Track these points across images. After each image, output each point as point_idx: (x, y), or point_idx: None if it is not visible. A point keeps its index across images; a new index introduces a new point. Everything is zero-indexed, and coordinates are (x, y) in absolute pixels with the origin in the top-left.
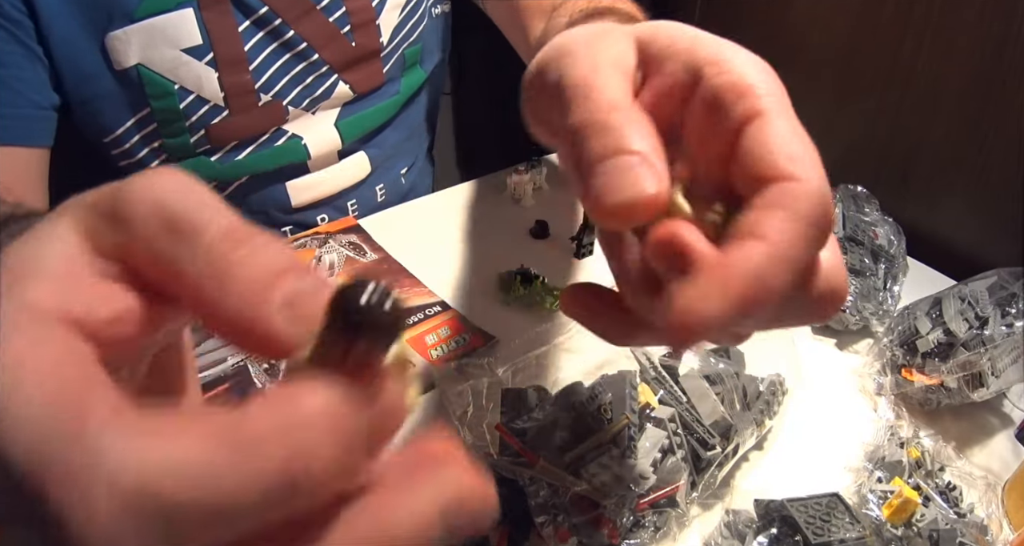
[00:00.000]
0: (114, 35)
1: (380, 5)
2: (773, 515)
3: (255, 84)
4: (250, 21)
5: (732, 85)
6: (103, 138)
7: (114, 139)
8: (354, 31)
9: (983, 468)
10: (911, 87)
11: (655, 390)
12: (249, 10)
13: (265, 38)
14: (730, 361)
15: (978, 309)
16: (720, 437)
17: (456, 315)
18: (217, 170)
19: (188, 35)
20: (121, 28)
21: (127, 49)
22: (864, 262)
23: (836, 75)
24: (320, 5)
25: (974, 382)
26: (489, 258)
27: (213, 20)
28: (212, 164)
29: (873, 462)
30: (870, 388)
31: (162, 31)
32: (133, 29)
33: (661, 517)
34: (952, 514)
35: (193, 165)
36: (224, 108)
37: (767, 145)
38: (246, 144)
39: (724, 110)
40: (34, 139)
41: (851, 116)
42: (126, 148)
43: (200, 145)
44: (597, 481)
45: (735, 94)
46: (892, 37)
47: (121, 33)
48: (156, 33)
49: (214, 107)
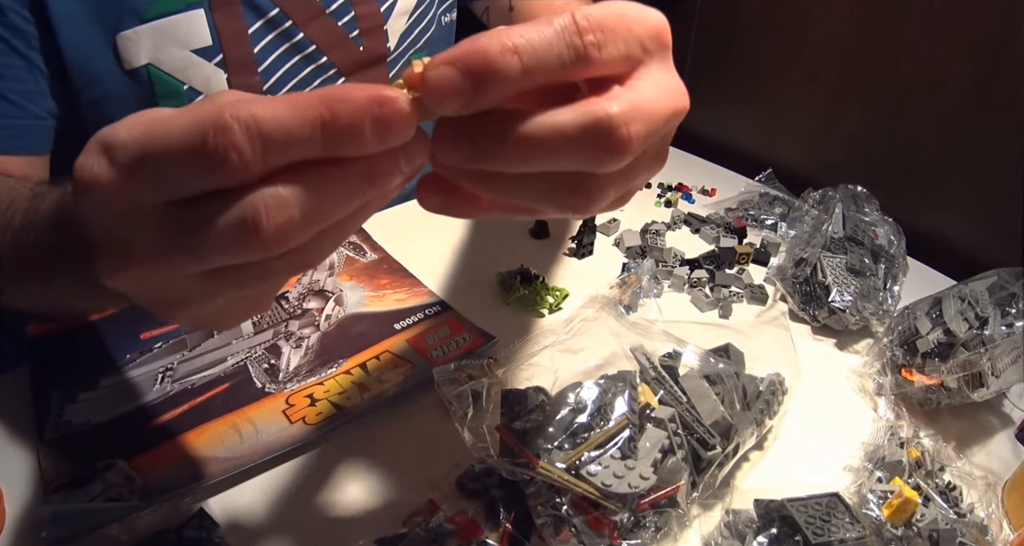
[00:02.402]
0: (125, 35)
1: (388, 11)
2: (773, 515)
3: (263, 86)
4: (260, 23)
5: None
6: None
7: None
8: (362, 36)
9: (983, 468)
10: (911, 87)
11: (655, 390)
12: (260, 12)
13: (275, 40)
14: (730, 361)
15: (978, 309)
16: (720, 437)
17: (456, 315)
18: None
19: (198, 36)
20: (132, 28)
21: (138, 49)
22: (864, 262)
23: (836, 75)
24: (329, 9)
25: (974, 382)
26: (489, 258)
27: (224, 21)
28: None
29: (873, 462)
30: (870, 388)
31: (172, 32)
32: (144, 29)
33: (661, 517)
34: (952, 514)
35: None
36: None
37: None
38: None
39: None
40: (32, 148)
41: (851, 116)
42: None
43: None
44: (597, 481)
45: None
46: (892, 37)
47: (132, 33)
48: (167, 34)
49: None
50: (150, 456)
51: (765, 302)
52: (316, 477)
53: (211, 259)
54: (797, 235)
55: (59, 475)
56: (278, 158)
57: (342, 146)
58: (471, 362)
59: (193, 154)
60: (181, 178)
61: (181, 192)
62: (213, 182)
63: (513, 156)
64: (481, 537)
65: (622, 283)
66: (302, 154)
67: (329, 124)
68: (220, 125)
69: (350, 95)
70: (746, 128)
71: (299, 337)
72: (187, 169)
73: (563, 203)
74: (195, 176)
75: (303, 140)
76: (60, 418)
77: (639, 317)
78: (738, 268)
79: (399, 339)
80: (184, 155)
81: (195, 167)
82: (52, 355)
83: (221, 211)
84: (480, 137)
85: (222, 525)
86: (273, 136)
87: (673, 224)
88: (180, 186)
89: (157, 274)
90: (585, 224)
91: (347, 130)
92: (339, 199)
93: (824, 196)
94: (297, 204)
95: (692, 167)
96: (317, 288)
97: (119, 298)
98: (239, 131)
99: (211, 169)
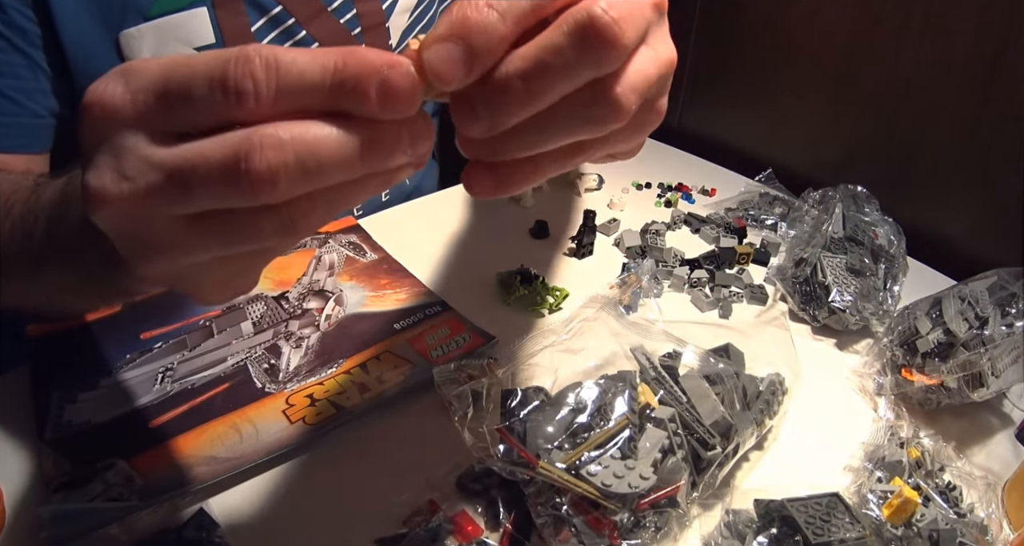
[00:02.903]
0: (128, 33)
1: (390, 9)
2: (773, 515)
3: None
4: (263, 21)
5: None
6: None
7: None
8: (364, 33)
9: (983, 468)
10: (911, 87)
11: (655, 390)
12: (263, 10)
13: (278, 38)
14: (730, 361)
15: (978, 309)
16: (720, 437)
17: (456, 315)
18: None
19: (201, 34)
20: (135, 26)
21: (140, 47)
22: (864, 262)
23: (836, 75)
24: (331, 7)
25: (974, 382)
26: (489, 258)
27: (226, 19)
28: None
29: (873, 462)
30: (870, 388)
31: (175, 29)
32: (147, 27)
33: (662, 517)
34: (952, 514)
35: None
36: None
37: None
38: None
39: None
40: (32, 147)
41: (851, 116)
42: None
43: None
44: (597, 481)
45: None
46: (892, 37)
47: (135, 31)
48: (170, 31)
49: None
50: (150, 456)
51: (765, 302)
52: (316, 477)
53: (196, 193)
54: (797, 235)
55: (59, 475)
56: (289, 98)
57: (347, 97)
58: (471, 362)
59: (211, 80)
60: (195, 104)
61: (190, 120)
62: (226, 110)
63: (527, 95)
64: (481, 537)
65: (622, 283)
66: (311, 100)
67: (339, 71)
68: (242, 55)
69: (364, 52)
70: (746, 128)
71: (299, 337)
72: (203, 94)
73: (595, 118)
74: (209, 102)
75: (314, 83)
76: (60, 418)
77: (639, 317)
78: (738, 268)
79: (399, 339)
80: (203, 81)
81: (211, 92)
82: (52, 355)
83: (219, 144)
84: (492, 96)
85: (222, 525)
86: (289, 72)
87: (673, 224)
88: (191, 113)
89: (142, 212)
90: (585, 224)
91: (354, 80)
92: (337, 156)
93: (824, 196)
94: (293, 149)
95: (692, 167)
96: (317, 288)
97: (107, 288)
98: (259, 62)
99: (226, 94)
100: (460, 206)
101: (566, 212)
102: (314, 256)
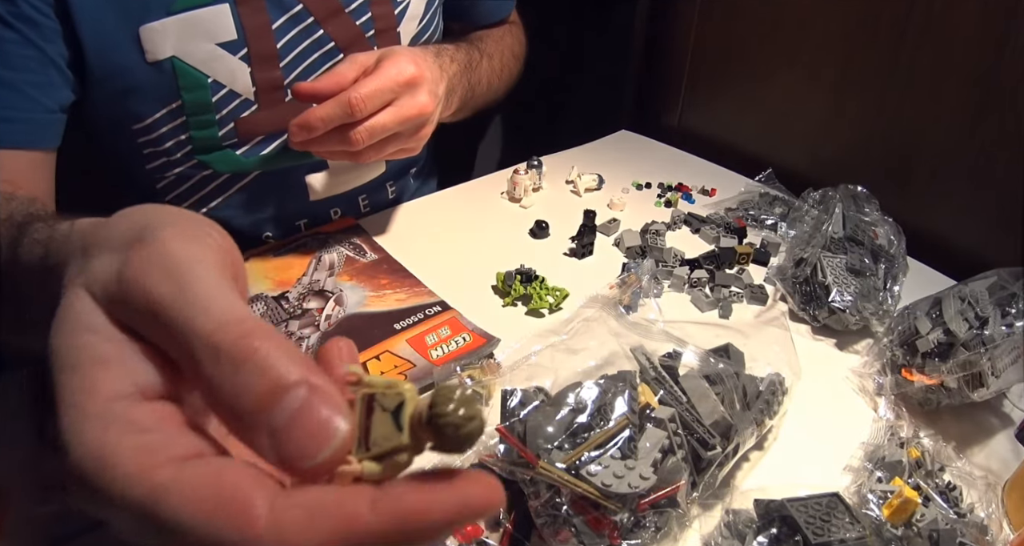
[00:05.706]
0: (150, 27)
1: (400, 14)
2: (773, 515)
3: (284, 80)
4: (284, 18)
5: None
6: (132, 125)
7: (143, 127)
8: (377, 36)
9: (983, 468)
10: (911, 87)
11: (655, 390)
12: (284, 8)
13: (297, 36)
14: (730, 361)
15: (978, 309)
16: (720, 437)
17: (456, 315)
18: (240, 163)
19: (223, 30)
20: (158, 20)
21: (163, 41)
22: (864, 262)
23: (836, 75)
24: (349, 8)
25: (974, 382)
26: (489, 258)
27: (248, 16)
28: (236, 157)
29: (873, 462)
30: (870, 388)
31: (198, 25)
32: (170, 21)
33: (662, 517)
34: (952, 514)
35: (217, 158)
36: (254, 102)
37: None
38: (272, 139)
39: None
40: (41, 142)
41: (851, 116)
42: (153, 137)
43: (228, 139)
44: (597, 481)
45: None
46: (892, 37)
47: (158, 25)
48: (193, 27)
49: (244, 101)
50: None
51: (765, 302)
52: None
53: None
54: (797, 235)
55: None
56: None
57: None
58: (471, 362)
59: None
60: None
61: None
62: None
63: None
64: (481, 537)
65: (622, 283)
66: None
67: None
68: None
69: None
70: (746, 128)
71: (299, 337)
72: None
73: (344, 142)
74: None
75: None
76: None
77: (639, 317)
78: (738, 268)
79: (399, 339)
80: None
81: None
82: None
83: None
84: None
85: None
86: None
87: (673, 224)
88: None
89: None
90: (585, 224)
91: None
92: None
93: (824, 196)
94: None
95: (692, 167)
96: (317, 288)
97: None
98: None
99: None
100: (460, 206)
101: (566, 212)
102: (314, 256)
